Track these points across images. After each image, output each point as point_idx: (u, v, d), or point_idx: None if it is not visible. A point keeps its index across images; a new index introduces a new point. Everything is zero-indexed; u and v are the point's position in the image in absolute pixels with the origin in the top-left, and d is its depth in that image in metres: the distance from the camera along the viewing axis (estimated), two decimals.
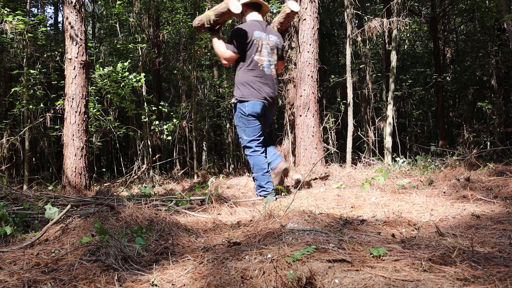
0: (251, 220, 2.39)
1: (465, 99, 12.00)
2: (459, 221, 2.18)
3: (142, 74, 7.23)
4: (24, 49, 7.40)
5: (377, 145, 8.59)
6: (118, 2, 7.53)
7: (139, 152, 8.27)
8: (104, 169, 11.02)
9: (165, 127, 7.78)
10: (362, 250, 1.53)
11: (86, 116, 4.90)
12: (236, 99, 3.38)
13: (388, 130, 7.33)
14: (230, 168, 12.22)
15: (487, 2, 9.78)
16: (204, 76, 11.44)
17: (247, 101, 3.33)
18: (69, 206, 2.39)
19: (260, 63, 3.38)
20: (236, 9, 3.28)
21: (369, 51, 9.55)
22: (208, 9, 7.45)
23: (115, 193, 3.42)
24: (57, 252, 1.85)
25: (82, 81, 4.84)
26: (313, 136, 5.49)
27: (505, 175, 3.51)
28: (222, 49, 3.41)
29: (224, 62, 3.44)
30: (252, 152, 3.37)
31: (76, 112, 4.79)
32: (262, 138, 3.44)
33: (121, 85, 7.18)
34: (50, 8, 23.04)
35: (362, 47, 9.05)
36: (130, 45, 7.90)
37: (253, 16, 3.52)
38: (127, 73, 7.08)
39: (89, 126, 6.78)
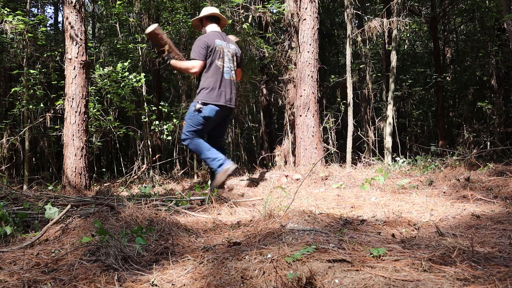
0: (251, 220, 2.39)
1: (465, 99, 11.99)
2: (459, 221, 2.18)
3: (142, 74, 7.23)
4: (24, 49, 7.40)
5: (377, 145, 8.58)
6: (118, 2, 7.52)
7: (139, 152, 8.26)
8: (104, 169, 11.01)
9: (165, 127, 7.77)
10: (362, 250, 1.53)
11: (86, 116, 4.90)
12: (198, 101, 3.64)
13: (388, 130, 7.33)
14: None
15: (487, 2, 9.78)
16: None
17: (207, 104, 3.61)
18: (69, 206, 2.39)
19: (220, 68, 3.68)
20: (147, 30, 3.78)
21: (369, 51, 9.55)
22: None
23: (115, 193, 3.42)
24: (57, 252, 1.85)
25: (82, 81, 4.84)
26: (313, 136, 5.49)
27: (505, 175, 3.51)
28: (185, 63, 3.74)
29: (194, 70, 3.68)
30: (190, 140, 3.66)
31: (76, 112, 4.79)
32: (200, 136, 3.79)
33: (121, 85, 7.17)
34: (50, 8, 23.05)
35: (362, 47, 9.05)
36: (130, 45, 7.89)
37: (213, 28, 3.87)
38: (127, 73, 7.07)
39: (89, 126, 6.78)
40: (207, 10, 3.89)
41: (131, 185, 5.55)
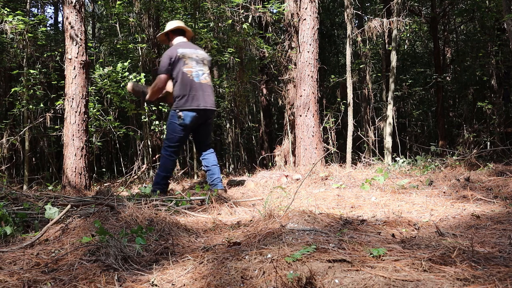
0: (251, 220, 2.39)
1: (465, 99, 11.99)
2: (459, 221, 2.18)
3: (142, 74, 7.22)
4: (24, 49, 7.40)
5: (377, 145, 8.58)
6: (118, 2, 7.51)
7: (139, 152, 8.26)
8: (104, 169, 11.01)
9: (165, 127, 7.77)
10: (362, 250, 1.53)
11: (86, 116, 4.90)
12: (174, 110, 3.76)
13: (388, 130, 7.33)
14: (230, 168, 12.22)
15: (487, 2, 9.78)
16: None
17: (182, 111, 3.70)
18: (69, 206, 2.39)
19: (189, 74, 3.74)
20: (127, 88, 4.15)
21: (369, 51, 9.54)
22: (208, 8, 7.46)
23: (115, 193, 3.42)
24: (57, 252, 1.85)
25: (82, 81, 4.84)
26: (313, 136, 5.50)
27: (505, 175, 3.51)
28: (151, 87, 3.86)
29: (158, 86, 3.80)
30: (167, 154, 3.80)
31: (76, 112, 4.79)
32: (180, 148, 3.90)
33: (121, 85, 7.17)
34: (50, 8, 23.05)
35: (362, 47, 9.05)
36: (130, 45, 7.89)
37: (179, 40, 3.96)
38: (127, 73, 7.06)
39: (89, 126, 6.78)
40: (172, 24, 3.99)
41: (131, 185, 5.55)
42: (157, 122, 7.91)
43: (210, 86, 3.89)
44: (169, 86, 3.91)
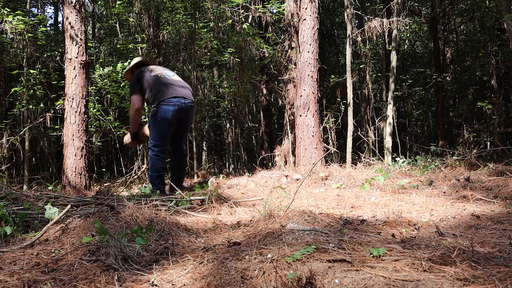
0: (251, 220, 2.39)
1: (465, 99, 11.99)
2: (459, 221, 2.18)
3: None
4: (24, 49, 7.40)
5: (377, 145, 8.58)
6: (118, 2, 7.51)
7: (139, 152, 8.26)
8: (104, 169, 11.01)
9: None
10: (362, 250, 1.53)
11: (86, 116, 4.90)
12: (153, 106, 3.83)
13: (388, 130, 7.33)
14: (230, 168, 12.22)
15: (487, 2, 9.78)
16: (204, 76, 11.43)
17: (159, 105, 3.76)
18: (69, 206, 2.39)
19: (159, 75, 3.89)
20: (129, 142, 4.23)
21: (369, 51, 9.54)
22: (208, 8, 7.46)
23: (115, 193, 3.42)
24: (57, 252, 1.85)
25: (82, 81, 4.84)
26: (313, 136, 5.50)
27: (505, 175, 3.51)
28: (130, 113, 3.99)
29: (136, 106, 3.88)
30: (153, 155, 3.84)
31: (76, 112, 4.79)
32: (165, 145, 3.93)
33: (121, 85, 7.17)
34: (50, 8, 23.04)
35: (362, 47, 9.05)
36: (130, 45, 7.89)
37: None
38: None
39: (89, 126, 6.78)
40: (134, 60, 4.20)
41: (131, 185, 5.55)
42: None
43: (184, 82, 4.01)
44: (146, 129, 4.01)
